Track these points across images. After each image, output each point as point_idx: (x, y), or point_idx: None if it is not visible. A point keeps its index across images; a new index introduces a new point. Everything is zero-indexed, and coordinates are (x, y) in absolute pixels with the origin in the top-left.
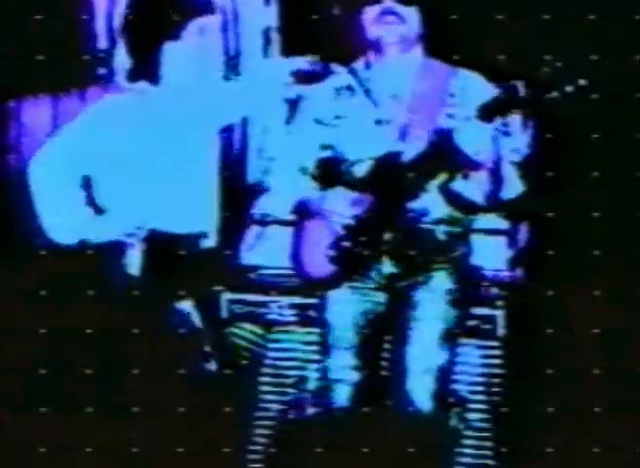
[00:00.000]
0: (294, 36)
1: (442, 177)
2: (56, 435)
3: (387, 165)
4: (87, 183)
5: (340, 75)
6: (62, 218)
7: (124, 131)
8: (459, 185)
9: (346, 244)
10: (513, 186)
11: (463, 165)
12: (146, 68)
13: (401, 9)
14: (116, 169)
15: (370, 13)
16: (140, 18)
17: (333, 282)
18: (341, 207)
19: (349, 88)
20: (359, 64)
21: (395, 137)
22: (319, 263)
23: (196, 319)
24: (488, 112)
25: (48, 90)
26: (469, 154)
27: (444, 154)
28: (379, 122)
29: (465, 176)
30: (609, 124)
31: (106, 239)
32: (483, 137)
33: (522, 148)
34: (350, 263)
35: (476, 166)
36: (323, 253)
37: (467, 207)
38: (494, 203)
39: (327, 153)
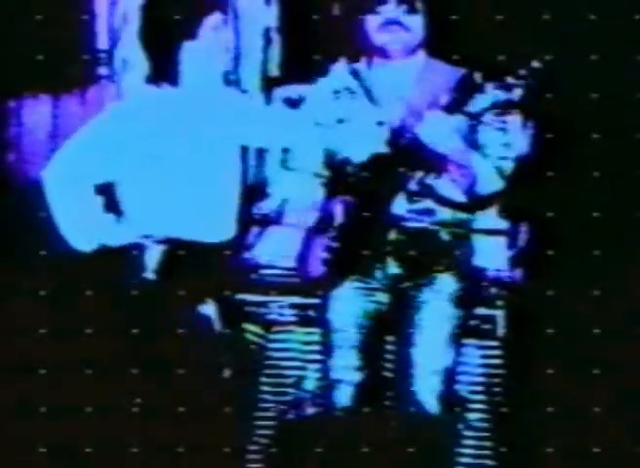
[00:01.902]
0: (294, 36)
1: (418, 175)
2: (56, 434)
3: (377, 166)
4: (105, 188)
5: (339, 76)
6: (81, 225)
7: (142, 134)
8: (436, 184)
9: (338, 246)
10: (490, 182)
11: (432, 163)
12: (165, 69)
13: (405, 18)
14: (135, 172)
15: (373, 21)
16: (158, 17)
17: (329, 283)
18: (333, 209)
19: (349, 89)
20: (361, 65)
21: (391, 138)
22: (316, 264)
23: (217, 324)
24: (452, 104)
25: (48, 90)
26: (436, 150)
27: (413, 152)
28: (380, 123)
29: (438, 175)
30: (609, 124)
31: (124, 242)
32: (449, 132)
33: (515, 144)
34: (342, 266)
35: (445, 163)
36: (319, 255)
37: (450, 205)
38: (474, 200)
39: (330, 155)
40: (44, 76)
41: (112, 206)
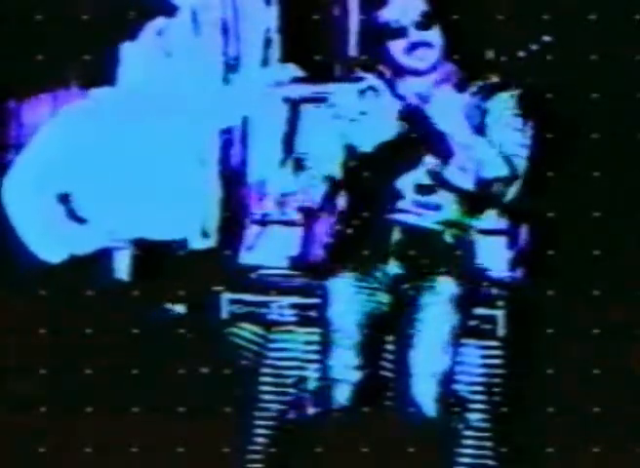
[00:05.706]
0: (294, 36)
1: (427, 164)
2: (56, 435)
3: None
4: (67, 196)
5: (365, 79)
6: (46, 237)
7: (107, 135)
8: (444, 172)
9: (338, 240)
10: (495, 166)
11: (440, 146)
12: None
13: (426, 36)
14: (101, 177)
15: (398, 45)
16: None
17: (328, 271)
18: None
19: (373, 88)
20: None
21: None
22: (315, 253)
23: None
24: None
25: (48, 90)
26: (442, 129)
27: (420, 137)
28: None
29: (445, 163)
30: (609, 124)
31: (94, 249)
32: (457, 109)
33: (524, 137)
34: (342, 257)
35: (451, 146)
36: (319, 244)
37: (458, 192)
38: (482, 186)
39: (349, 150)
40: (44, 76)
41: (76, 213)
